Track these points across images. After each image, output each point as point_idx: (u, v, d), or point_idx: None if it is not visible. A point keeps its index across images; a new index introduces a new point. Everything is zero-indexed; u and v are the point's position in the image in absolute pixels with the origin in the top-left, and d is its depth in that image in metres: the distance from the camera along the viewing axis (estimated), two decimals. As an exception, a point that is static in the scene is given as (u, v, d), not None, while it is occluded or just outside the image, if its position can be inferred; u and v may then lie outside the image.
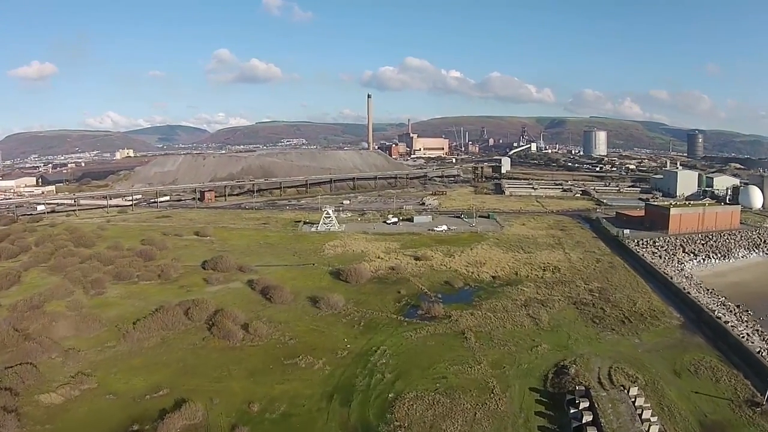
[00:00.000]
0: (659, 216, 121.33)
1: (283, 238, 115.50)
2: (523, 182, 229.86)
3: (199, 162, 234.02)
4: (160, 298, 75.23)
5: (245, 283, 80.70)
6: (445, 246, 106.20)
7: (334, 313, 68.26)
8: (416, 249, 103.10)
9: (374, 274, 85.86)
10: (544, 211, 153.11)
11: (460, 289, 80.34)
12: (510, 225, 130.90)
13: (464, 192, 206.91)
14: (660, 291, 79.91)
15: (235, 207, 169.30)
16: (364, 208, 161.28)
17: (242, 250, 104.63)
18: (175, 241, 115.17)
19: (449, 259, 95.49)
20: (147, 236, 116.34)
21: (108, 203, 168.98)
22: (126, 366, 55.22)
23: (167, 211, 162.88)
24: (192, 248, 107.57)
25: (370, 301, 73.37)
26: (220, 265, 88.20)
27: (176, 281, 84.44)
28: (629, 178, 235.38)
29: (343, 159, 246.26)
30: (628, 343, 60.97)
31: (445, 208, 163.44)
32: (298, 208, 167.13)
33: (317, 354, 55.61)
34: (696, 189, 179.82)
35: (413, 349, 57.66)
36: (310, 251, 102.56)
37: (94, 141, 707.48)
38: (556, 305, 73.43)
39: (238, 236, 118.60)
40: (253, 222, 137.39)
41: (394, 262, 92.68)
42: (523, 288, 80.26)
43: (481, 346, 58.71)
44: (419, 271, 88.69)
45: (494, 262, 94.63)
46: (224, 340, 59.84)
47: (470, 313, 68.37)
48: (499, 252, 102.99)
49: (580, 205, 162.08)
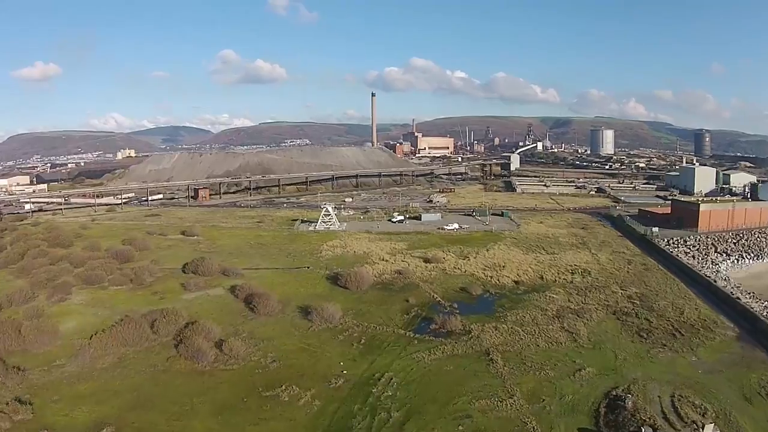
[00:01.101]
0: (687, 213, 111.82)
1: (277, 238, 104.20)
2: (533, 180, 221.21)
3: (195, 159, 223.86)
4: (127, 307, 64.44)
5: (228, 289, 69.33)
6: (457, 246, 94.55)
7: (329, 327, 56.47)
8: (426, 250, 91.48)
9: (378, 280, 74.25)
10: (560, 209, 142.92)
11: (479, 296, 68.54)
12: (527, 223, 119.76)
13: (473, 189, 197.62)
14: (705, 296, 69.23)
15: (229, 205, 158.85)
16: (368, 205, 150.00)
17: (230, 250, 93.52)
18: (158, 240, 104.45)
19: (464, 262, 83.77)
20: (129, 236, 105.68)
21: (96, 202, 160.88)
22: (71, 392, 44.71)
23: (157, 209, 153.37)
24: (175, 249, 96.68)
25: (372, 312, 61.64)
26: (201, 269, 76.99)
27: (150, 286, 73.36)
28: (641, 175, 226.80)
29: (346, 156, 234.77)
30: (685, 362, 50.18)
31: (454, 205, 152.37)
32: (297, 206, 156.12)
33: (305, 382, 44.00)
34: (713, 186, 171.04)
35: (427, 376, 45.87)
36: (305, 252, 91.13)
37: (97, 142, 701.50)
38: (594, 316, 61.96)
39: (228, 236, 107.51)
40: (246, 220, 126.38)
41: (401, 265, 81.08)
42: (552, 295, 68.72)
43: (511, 371, 47.01)
44: (430, 275, 77.02)
45: (515, 265, 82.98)
46: (192, 361, 48.52)
47: (494, 326, 56.69)
48: (519, 253, 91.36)
49: (597, 203, 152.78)
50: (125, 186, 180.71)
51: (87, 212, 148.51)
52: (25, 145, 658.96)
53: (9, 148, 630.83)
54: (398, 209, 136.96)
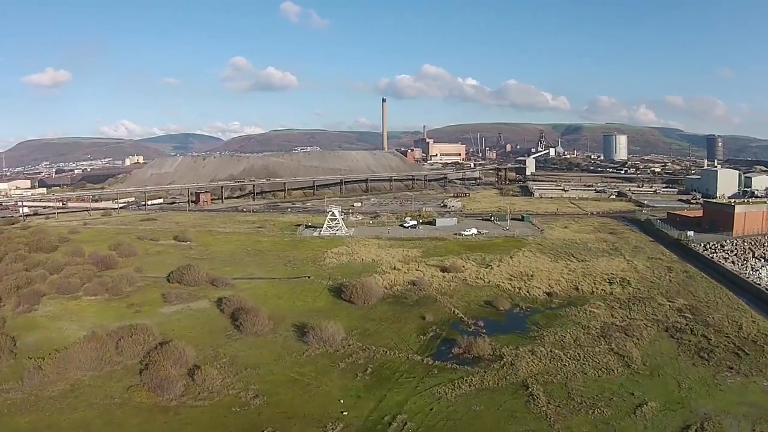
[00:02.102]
0: (721, 215, 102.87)
1: (278, 244, 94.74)
2: (551, 184, 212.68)
3: (198, 163, 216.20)
4: (96, 321, 55.66)
5: (214, 301, 59.76)
6: (477, 253, 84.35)
7: (329, 351, 46.24)
8: (442, 257, 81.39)
9: (388, 292, 64.17)
10: (583, 213, 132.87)
11: (508, 312, 58.18)
12: (550, 228, 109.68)
13: (489, 194, 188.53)
14: (757, 307, 59.73)
15: (231, 210, 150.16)
16: (378, 210, 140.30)
17: (224, 257, 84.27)
18: (148, 246, 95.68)
19: (486, 271, 73.46)
20: (117, 241, 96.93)
21: (90, 206, 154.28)
22: (9, 426, 36.10)
23: (155, 213, 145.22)
24: (164, 255, 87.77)
25: (382, 332, 51.48)
26: (187, 278, 67.61)
27: (127, 297, 64.14)
28: (659, 180, 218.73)
29: (355, 160, 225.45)
30: (758, 389, 40.84)
31: (470, 210, 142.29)
32: (303, 210, 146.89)
33: (293, 428, 34.00)
34: (736, 189, 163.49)
35: (451, 419, 35.53)
36: (307, 260, 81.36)
37: (107, 148, 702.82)
38: (645, 333, 51.80)
39: (224, 241, 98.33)
40: (246, 225, 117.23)
41: (415, 275, 70.88)
42: (592, 309, 58.41)
43: (557, 409, 36.72)
44: (449, 286, 66.76)
45: (544, 274, 72.64)
46: (156, 393, 38.87)
47: (529, 350, 46.39)
48: (547, 260, 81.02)
49: (620, 207, 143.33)
50: (123, 190, 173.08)
51: (81, 216, 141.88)
52: (34, 151, 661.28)
53: (18, 155, 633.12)
54: (410, 214, 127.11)
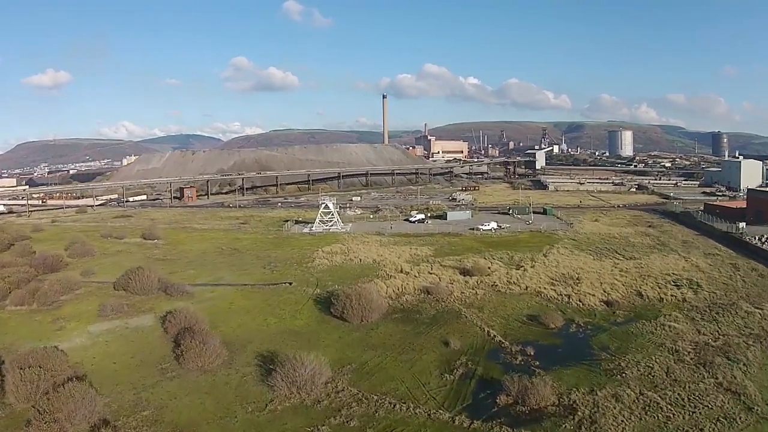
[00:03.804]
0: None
1: (259, 242, 79.35)
2: (564, 177, 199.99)
3: (187, 158, 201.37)
4: (8, 340, 41.08)
5: (159, 318, 44.32)
6: (503, 251, 68.85)
7: (305, 403, 30.18)
8: (460, 257, 65.73)
9: (395, 303, 48.32)
10: (608, 206, 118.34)
11: (562, 330, 42.35)
12: (579, 222, 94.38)
13: (499, 188, 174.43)
14: None
15: (217, 205, 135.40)
16: (379, 204, 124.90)
17: (191, 258, 69.13)
18: (110, 245, 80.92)
19: (519, 274, 57.68)
20: (76, 239, 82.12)
21: (65, 203, 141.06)
22: None
23: (133, 210, 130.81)
24: (124, 255, 72.84)
25: (387, 367, 35.13)
26: (134, 284, 52.32)
27: (58, 309, 49.04)
28: (673, 173, 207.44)
29: (354, 153, 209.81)
30: None
31: (483, 203, 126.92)
32: (295, 205, 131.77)
33: None
34: (760, 181, 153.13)
35: None
36: (292, 261, 65.78)
37: (106, 150, 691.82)
38: (749, 356, 36.80)
39: (198, 239, 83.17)
40: (228, 222, 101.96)
41: (429, 280, 55.04)
42: (671, 323, 43.20)
43: None
44: (475, 295, 50.75)
45: (593, 276, 57.20)
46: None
47: (611, 394, 30.82)
48: (589, 259, 65.66)
49: (645, 200, 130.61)
50: (99, 185, 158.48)
51: (55, 214, 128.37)
52: (33, 153, 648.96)
53: (18, 156, 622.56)
54: (417, 207, 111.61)
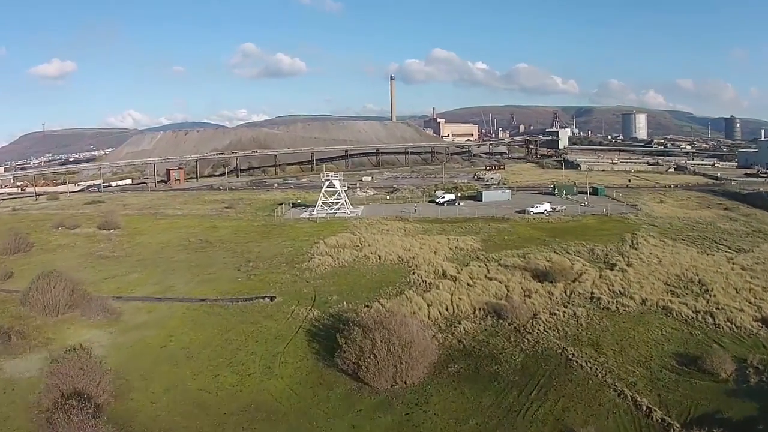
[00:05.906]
0: None
1: (241, 232, 61.11)
2: (591, 157, 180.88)
3: (179, 138, 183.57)
4: None
5: (52, 360, 26.44)
6: (575, 242, 50.24)
7: None
8: (521, 250, 46.77)
9: (447, 339, 29.04)
10: (660, 187, 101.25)
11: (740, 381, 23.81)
12: (644, 204, 75.50)
13: (525, 167, 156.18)
14: None
15: (205, 188, 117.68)
16: (395, 184, 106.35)
17: (146, 254, 51.16)
18: (54, 238, 63.80)
19: (619, 276, 38.25)
20: (21, 231, 64.93)
21: (36, 189, 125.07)
22: None
23: (108, 195, 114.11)
24: (64, 251, 55.82)
25: None
26: (34, 297, 34.51)
27: None
28: (700, 155, 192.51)
29: (363, 131, 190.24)
30: None
31: (515, 183, 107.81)
32: (296, 186, 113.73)
33: None
34: None
35: None
36: (280, 260, 47.18)
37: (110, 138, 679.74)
38: None
39: (165, 227, 65.20)
40: (211, 206, 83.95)
41: (492, 291, 35.71)
42: None
43: None
44: (575, 318, 31.59)
45: (718, 278, 38.74)
46: None
47: None
48: (693, 251, 47.47)
49: (692, 180, 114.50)
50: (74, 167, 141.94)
51: (24, 201, 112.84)
52: (37, 143, 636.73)
53: (21, 147, 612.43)
54: (443, 186, 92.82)
